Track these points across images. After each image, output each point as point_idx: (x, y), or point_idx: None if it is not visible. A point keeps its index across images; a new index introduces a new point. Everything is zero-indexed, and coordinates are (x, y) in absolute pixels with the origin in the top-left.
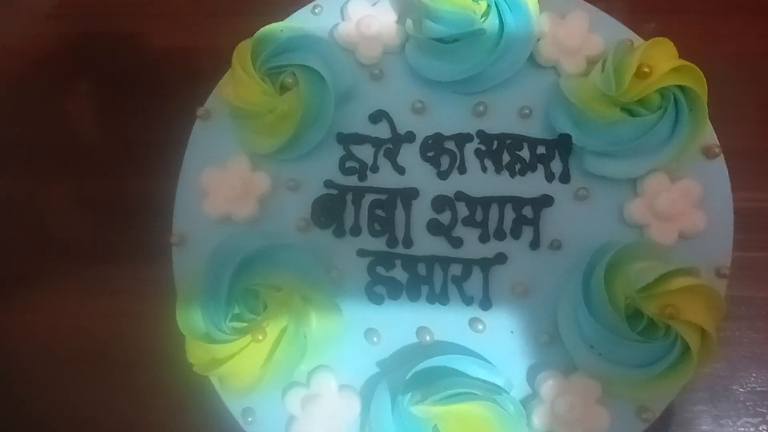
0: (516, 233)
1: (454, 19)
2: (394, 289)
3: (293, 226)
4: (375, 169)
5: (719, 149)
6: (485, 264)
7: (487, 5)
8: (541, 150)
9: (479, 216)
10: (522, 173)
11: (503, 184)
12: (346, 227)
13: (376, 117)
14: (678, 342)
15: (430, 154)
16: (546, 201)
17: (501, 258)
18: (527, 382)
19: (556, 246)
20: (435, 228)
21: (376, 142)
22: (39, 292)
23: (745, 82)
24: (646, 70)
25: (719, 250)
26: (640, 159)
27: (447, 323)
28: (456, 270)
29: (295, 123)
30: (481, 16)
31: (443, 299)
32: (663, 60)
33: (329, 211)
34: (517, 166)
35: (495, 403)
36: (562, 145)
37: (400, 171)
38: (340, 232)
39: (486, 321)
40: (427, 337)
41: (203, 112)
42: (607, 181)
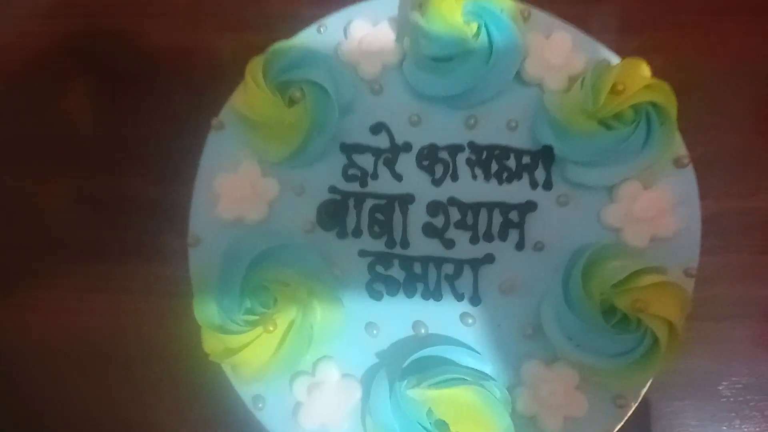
0: (503, 235)
1: (447, 40)
2: (392, 286)
3: (300, 228)
4: (375, 176)
5: (688, 159)
6: (475, 263)
7: (478, 26)
8: (526, 160)
9: (470, 220)
10: (509, 181)
11: (492, 191)
12: (348, 229)
13: (376, 128)
14: (647, 334)
15: (425, 162)
16: (530, 206)
17: (489, 258)
18: (512, 370)
19: (539, 247)
20: (429, 230)
21: (376, 152)
22: (38, 290)
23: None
24: (620, 87)
25: (688, 252)
26: (615, 168)
27: (440, 317)
28: (448, 269)
29: (302, 133)
30: (473, 37)
31: (437, 295)
32: (636, 78)
33: (333, 215)
34: (504, 175)
35: (483, 388)
36: (545, 155)
37: (398, 178)
38: (342, 234)
39: (476, 315)
40: (422, 330)
41: (217, 123)
42: (585, 189)
